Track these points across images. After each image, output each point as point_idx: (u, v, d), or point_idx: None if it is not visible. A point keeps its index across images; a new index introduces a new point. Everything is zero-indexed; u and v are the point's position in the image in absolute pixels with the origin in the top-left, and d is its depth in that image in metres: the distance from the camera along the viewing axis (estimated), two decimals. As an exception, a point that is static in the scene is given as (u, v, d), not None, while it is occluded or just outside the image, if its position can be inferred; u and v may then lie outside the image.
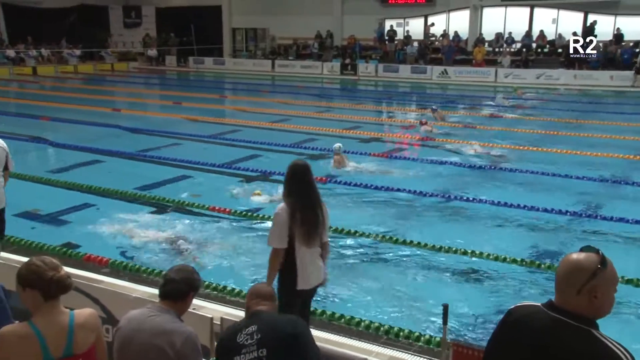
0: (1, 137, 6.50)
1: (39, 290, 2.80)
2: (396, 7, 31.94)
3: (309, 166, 4.38)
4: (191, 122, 16.64)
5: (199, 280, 3.21)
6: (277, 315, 3.20)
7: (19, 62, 31.55)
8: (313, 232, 4.24)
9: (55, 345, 2.78)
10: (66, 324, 2.83)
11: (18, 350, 2.74)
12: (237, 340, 2.98)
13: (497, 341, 2.45)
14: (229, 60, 34.84)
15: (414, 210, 8.95)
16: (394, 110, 19.15)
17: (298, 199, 4.26)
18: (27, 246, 7.01)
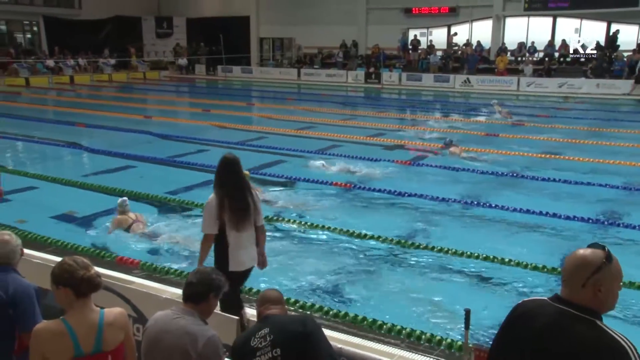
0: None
1: (71, 288, 2.87)
2: (420, 17, 31.89)
3: (238, 160, 4.69)
4: (219, 129, 16.77)
5: (218, 280, 3.19)
6: (287, 317, 3.23)
7: (57, 71, 32.18)
8: (242, 218, 4.51)
9: (85, 341, 2.85)
10: (96, 322, 2.89)
11: (52, 345, 2.82)
12: (250, 345, 3.04)
13: (504, 333, 2.47)
14: (256, 69, 35.07)
15: (436, 216, 8.88)
16: (417, 118, 19.05)
17: (227, 188, 4.54)
18: (62, 247, 7.11)
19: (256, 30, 36.78)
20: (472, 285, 6.50)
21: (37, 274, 4.54)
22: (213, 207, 4.51)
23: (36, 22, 34.67)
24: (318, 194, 10.04)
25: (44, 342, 2.82)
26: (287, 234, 8.05)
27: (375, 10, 32.82)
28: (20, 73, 30.29)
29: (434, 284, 6.52)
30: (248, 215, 4.57)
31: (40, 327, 2.87)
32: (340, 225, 8.09)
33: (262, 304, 3.29)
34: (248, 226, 4.58)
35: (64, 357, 2.82)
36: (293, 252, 7.45)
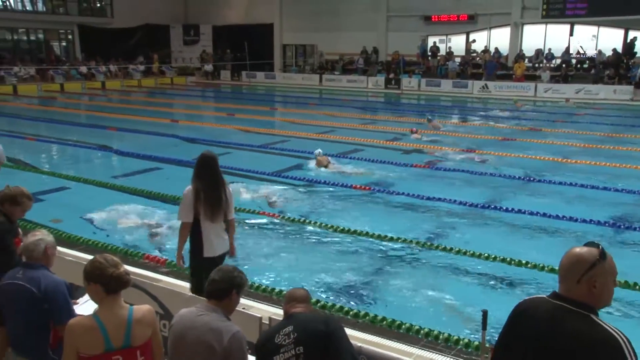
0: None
1: (101, 284, 2.92)
2: (439, 25, 31.74)
3: (216, 157, 5.04)
4: (243, 132, 16.85)
5: (240, 277, 3.18)
6: (311, 315, 3.21)
7: (90, 77, 32.66)
8: (216, 210, 4.84)
9: (115, 336, 2.89)
10: (125, 318, 2.94)
11: (84, 339, 2.87)
12: (275, 341, 3.02)
13: (506, 331, 2.50)
14: (279, 75, 35.20)
15: (453, 219, 8.82)
16: (436, 123, 18.91)
17: (203, 182, 4.86)
18: (93, 246, 7.20)
19: (279, 37, 36.95)
20: (489, 287, 6.44)
21: (70, 271, 4.61)
22: (189, 198, 4.83)
23: (71, 30, 35.26)
24: (338, 197, 10.03)
25: (76, 337, 2.88)
26: (308, 235, 8.05)
27: (396, 18, 32.77)
28: (55, 79, 30.81)
29: (451, 285, 6.47)
30: (221, 208, 4.88)
31: (73, 323, 2.93)
32: (360, 226, 8.07)
33: (289, 302, 3.29)
34: (220, 218, 4.91)
35: (96, 351, 2.87)
36: (313, 253, 7.46)
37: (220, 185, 4.94)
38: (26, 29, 34.45)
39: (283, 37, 36.99)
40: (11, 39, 34.07)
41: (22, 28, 34.15)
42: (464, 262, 7.00)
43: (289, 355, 2.96)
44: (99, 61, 34.01)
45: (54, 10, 34.44)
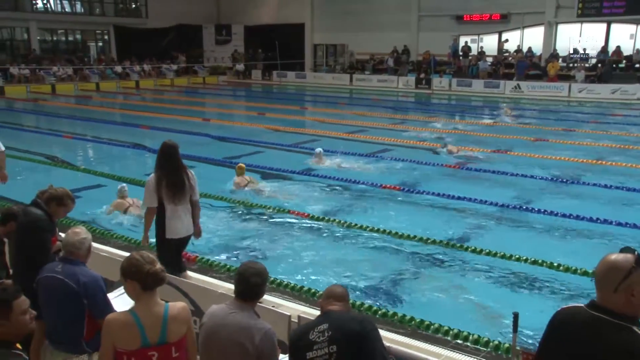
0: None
1: (138, 281, 2.96)
2: (471, 24, 31.38)
3: (176, 145, 5.39)
4: (273, 131, 16.93)
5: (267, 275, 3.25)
6: (347, 314, 3.17)
7: (124, 76, 33.24)
8: (178, 193, 5.22)
9: (151, 332, 2.92)
10: (161, 315, 2.97)
11: (121, 335, 2.91)
12: (309, 337, 3.00)
13: (546, 341, 2.42)
14: (309, 74, 35.26)
15: (484, 220, 8.71)
16: (466, 124, 18.73)
17: (165, 169, 5.24)
18: (126, 242, 7.31)
19: (310, 37, 37.01)
20: (520, 289, 6.34)
21: (103, 266, 4.69)
22: (152, 184, 5.22)
23: (107, 31, 35.95)
24: (368, 196, 10.00)
25: (114, 332, 2.92)
26: (337, 234, 8.05)
27: (427, 17, 32.52)
28: (91, 78, 31.44)
29: (481, 286, 6.39)
30: (183, 191, 5.28)
31: (111, 318, 2.98)
32: (389, 226, 8.03)
33: (326, 299, 3.24)
34: (183, 200, 5.29)
35: (132, 347, 2.91)
36: (342, 251, 7.45)
37: (181, 170, 5.33)
38: (65, 30, 35.24)
39: (314, 36, 37.05)
40: (51, 40, 34.90)
41: (61, 29, 34.95)
42: (494, 263, 6.90)
43: (322, 353, 2.94)
44: (134, 61, 34.61)
45: (92, 12, 35.17)
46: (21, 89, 28.21)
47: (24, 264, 4.24)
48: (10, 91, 27.55)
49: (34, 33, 32.59)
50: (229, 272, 6.32)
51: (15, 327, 2.74)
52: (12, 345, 2.76)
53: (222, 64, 38.75)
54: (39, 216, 4.33)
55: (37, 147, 13.89)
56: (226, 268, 6.47)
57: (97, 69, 32.52)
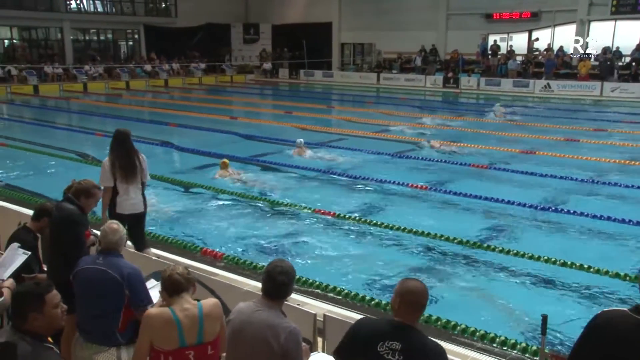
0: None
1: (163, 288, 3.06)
2: (500, 23, 30.95)
3: (128, 132, 6.08)
4: (300, 130, 16.95)
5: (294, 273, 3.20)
6: (425, 341, 2.78)
7: (154, 75, 33.67)
8: (129, 174, 5.85)
9: (189, 333, 2.95)
10: (196, 314, 2.99)
11: (161, 332, 2.94)
12: (377, 349, 2.70)
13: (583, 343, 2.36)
14: (336, 73, 35.23)
15: (512, 220, 8.59)
16: (495, 123, 18.48)
17: (117, 153, 5.89)
18: (153, 238, 7.40)
19: (338, 36, 36.97)
20: (549, 291, 6.24)
21: (131, 261, 4.75)
22: (107, 166, 5.87)
23: (137, 30, 36.44)
24: (393, 195, 9.96)
25: (154, 330, 2.96)
26: (363, 232, 8.03)
27: (456, 16, 32.20)
28: (121, 77, 31.94)
29: (508, 287, 6.31)
30: (134, 172, 5.91)
31: (153, 314, 3.01)
32: (415, 225, 7.98)
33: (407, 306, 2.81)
34: (134, 180, 5.91)
35: (170, 347, 2.93)
36: (368, 250, 7.43)
37: (133, 154, 5.96)
38: (97, 30, 35.86)
39: (341, 35, 36.99)
40: (83, 39, 35.55)
41: (93, 29, 35.58)
42: (522, 264, 6.81)
43: None
44: (163, 59, 35.04)
45: (123, 11, 35.72)
46: (54, 88, 28.79)
47: (59, 259, 4.33)
48: (45, 90, 28.15)
49: (67, 33, 33.24)
50: (255, 270, 6.36)
51: (48, 320, 2.80)
52: (44, 339, 2.82)
53: (250, 63, 38.97)
54: (73, 211, 4.42)
55: (70, 145, 14.17)
56: (252, 266, 6.51)
57: (127, 67, 33.02)
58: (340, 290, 5.85)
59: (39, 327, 2.77)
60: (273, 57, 38.24)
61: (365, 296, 5.73)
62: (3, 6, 30.05)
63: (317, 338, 4.17)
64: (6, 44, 32.47)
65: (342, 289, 5.85)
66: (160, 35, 35.94)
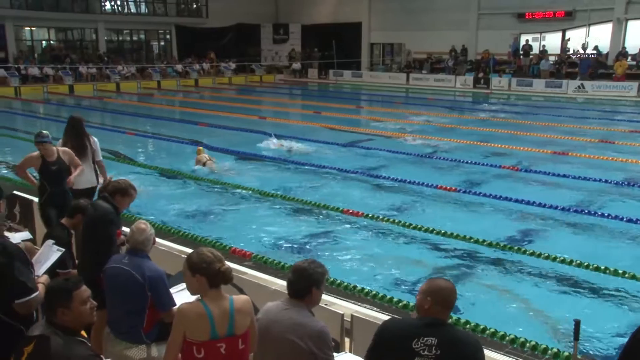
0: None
1: (207, 277, 3.02)
2: (533, 22, 30.46)
3: (81, 118, 6.96)
4: (329, 130, 16.95)
5: (316, 273, 3.15)
6: (460, 334, 2.80)
7: (184, 75, 34.09)
8: (81, 155, 6.60)
9: (220, 324, 2.98)
10: (228, 308, 3.02)
11: (194, 324, 2.98)
12: (412, 346, 2.67)
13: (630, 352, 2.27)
14: (366, 74, 35.14)
15: (543, 223, 8.45)
16: (526, 124, 18.19)
17: (70, 135, 6.75)
18: (183, 237, 7.49)
19: (367, 36, 36.88)
20: (582, 296, 6.12)
21: (162, 259, 4.82)
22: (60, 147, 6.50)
23: (169, 30, 36.95)
24: (421, 196, 9.89)
25: (187, 322, 2.99)
26: (391, 233, 7.99)
27: (487, 16, 31.79)
28: (153, 77, 32.42)
29: (539, 291, 6.21)
30: (85, 152, 6.72)
31: (186, 308, 3.04)
32: (443, 227, 7.90)
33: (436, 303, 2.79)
34: (86, 160, 6.68)
35: (202, 338, 2.97)
36: (396, 251, 7.40)
37: (84, 137, 6.82)
38: (130, 30, 36.47)
39: (371, 35, 36.89)
40: (117, 40, 36.21)
41: (126, 29, 36.20)
42: (553, 267, 6.68)
43: None
44: (193, 59, 35.45)
45: (155, 12, 36.26)
46: (88, 87, 29.37)
47: (91, 256, 4.42)
48: (79, 89, 28.74)
49: (102, 33, 33.89)
50: (282, 269, 6.38)
51: (76, 316, 2.86)
52: (76, 333, 2.89)
53: (279, 63, 39.14)
54: (108, 210, 4.50)
55: (102, 143, 14.37)
56: (280, 265, 6.53)
57: (158, 67, 33.49)
58: (368, 291, 5.83)
59: (68, 322, 2.84)
60: (302, 57, 38.36)
61: (393, 297, 5.69)
62: (41, 8, 30.87)
63: (344, 338, 4.16)
64: (44, 45, 33.26)
65: (370, 290, 5.83)
66: (191, 35, 36.37)
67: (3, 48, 29.94)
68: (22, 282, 3.15)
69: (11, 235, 4.52)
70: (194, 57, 35.57)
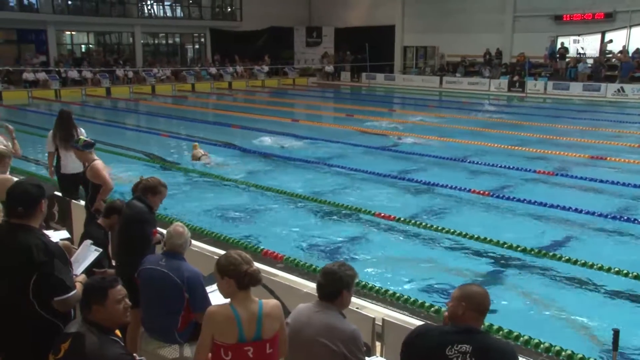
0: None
1: (235, 279, 3.04)
2: (571, 24, 29.82)
3: (70, 112, 7.94)
4: (361, 133, 16.90)
5: (346, 275, 3.14)
6: (494, 342, 2.74)
7: (218, 78, 34.47)
8: (67, 142, 7.27)
9: (248, 328, 3.00)
10: (256, 311, 3.04)
11: (222, 327, 3.01)
12: (446, 353, 2.63)
13: None
14: (398, 77, 34.96)
15: (579, 229, 8.27)
16: (562, 128, 17.83)
17: (59, 127, 7.63)
18: (216, 238, 7.56)
19: (400, 39, 36.69)
20: (621, 305, 5.96)
21: (196, 260, 4.86)
22: (50, 137, 7.69)
23: (203, 34, 37.44)
24: (455, 200, 9.78)
25: (215, 324, 3.03)
26: (422, 237, 7.93)
27: (523, 18, 31.25)
28: (187, 80, 32.87)
29: (576, 299, 6.08)
30: (72, 142, 6.91)
31: (214, 310, 3.08)
32: (476, 231, 7.79)
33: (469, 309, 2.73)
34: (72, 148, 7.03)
35: (230, 341, 3.00)
36: (427, 255, 7.33)
37: (71, 128, 7.62)
38: (165, 34, 37.10)
39: (404, 38, 36.68)
40: (153, 43, 36.86)
41: (162, 33, 36.83)
42: (591, 275, 6.53)
43: None
44: (227, 62, 35.82)
45: (190, 16, 36.80)
46: (125, 90, 29.97)
47: (127, 255, 4.49)
48: (116, 91, 29.34)
49: (139, 37, 34.54)
50: (314, 272, 6.38)
51: (110, 314, 2.91)
52: (111, 332, 2.94)
53: (312, 66, 39.25)
54: (142, 209, 4.57)
55: (137, 145, 14.68)
56: (312, 268, 6.53)
57: (193, 70, 33.95)
58: (399, 295, 5.79)
59: (102, 320, 2.89)
60: (335, 60, 38.39)
61: (425, 302, 5.64)
62: (82, 13, 31.68)
63: (375, 342, 4.14)
64: (83, 49, 34.08)
65: (401, 294, 5.79)
66: (225, 38, 36.76)
67: (45, 52, 30.77)
68: (61, 280, 3.22)
69: (51, 233, 4.63)
70: (220, 58, 35.85)
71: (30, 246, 3.20)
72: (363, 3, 38.43)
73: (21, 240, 3.23)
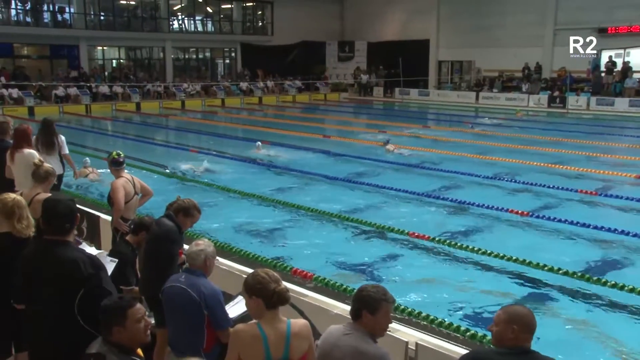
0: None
1: (263, 299, 3.05)
2: (616, 37, 29.22)
3: (52, 121, 8.86)
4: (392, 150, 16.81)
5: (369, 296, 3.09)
6: None
7: (249, 93, 34.91)
8: (49, 148, 8.40)
9: (275, 348, 3.00)
10: (284, 331, 3.04)
11: (248, 347, 3.02)
12: None
13: None
14: (433, 92, 34.84)
15: (625, 252, 8.05)
16: (605, 146, 17.47)
17: (41, 134, 8.49)
18: (244, 256, 7.58)
19: (435, 53, 36.61)
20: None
21: (223, 279, 4.90)
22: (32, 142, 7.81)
23: (234, 48, 38.03)
24: (492, 220, 9.65)
25: (242, 344, 3.04)
26: (458, 259, 7.82)
27: (564, 31, 30.77)
28: (217, 94, 33.37)
29: (619, 325, 5.92)
30: (53, 147, 8.47)
31: (241, 329, 3.10)
32: (514, 253, 7.65)
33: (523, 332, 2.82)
34: (53, 153, 8.44)
35: None
36: (462, 276, 7.23)
37: (52, 135, 8.54)
38: (196, 48, 37.82)
39: (439, 53, 36.60)
40: (183, 58, 37.61)
41: (192, 47, 37.57)
42: (637, 301, 6.34)
43: None
44: (258, 77, 36.25)
45: (221, 30, 37.47)
46: (154, 105, 30.59)
47: (152, 273, 4.55)
48: (146, 106, 29.97)
49: (169, 52, 35.29)
50: (345, 292, 6.35)
51: (131, 334, 2.94)
52: (132, 352, 2.97)
53: (344, 81, 39.42)
54: (171, 228, 4.63)
55: (166, 161, 14.91)
56: (342, 288, 6.50)
57: (223, 85, 34.45)
58: (433, 318, 5.71)
59: (123, 340, 2.93)
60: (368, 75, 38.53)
61: (460, 326, 5.55)
62: (114, 28, 32.60)
63: (408, 367, 4.09)
64: (114, 64, 34.97)
65: (435, 317, 5.71)
66: (256, 53, 37.24)
67: (77, 67, 31.68)
68: (108, 292, 3.37)
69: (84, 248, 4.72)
70: (247, 72, 36.27)
71: (76, 260, 3.35)
72: (397, 17, 38.52)
73: (67, 255, 3.37)
